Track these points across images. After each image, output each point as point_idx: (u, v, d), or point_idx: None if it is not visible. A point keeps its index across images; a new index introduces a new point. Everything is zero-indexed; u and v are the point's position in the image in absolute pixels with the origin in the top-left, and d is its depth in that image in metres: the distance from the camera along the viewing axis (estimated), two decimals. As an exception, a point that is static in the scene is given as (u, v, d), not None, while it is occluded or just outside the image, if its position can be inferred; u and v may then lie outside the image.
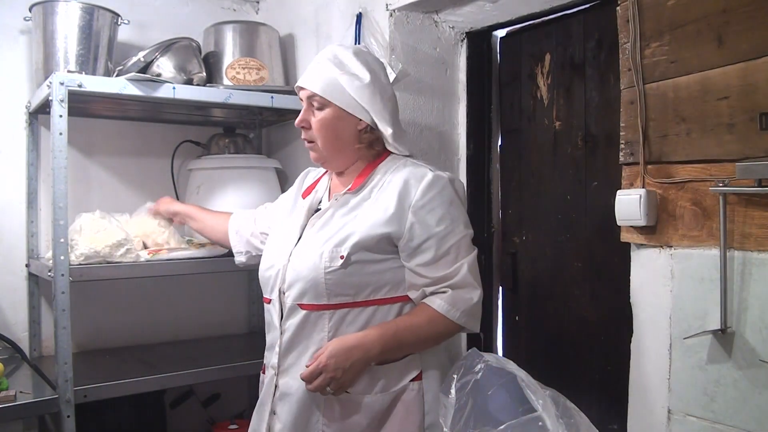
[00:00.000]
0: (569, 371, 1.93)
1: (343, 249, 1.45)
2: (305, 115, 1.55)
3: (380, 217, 1.47)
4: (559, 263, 1.98)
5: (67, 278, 1.81)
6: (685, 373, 1.37)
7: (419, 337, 1.48)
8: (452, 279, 1.48)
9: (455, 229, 1.50)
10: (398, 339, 1.45)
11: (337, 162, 1.60)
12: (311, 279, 1.46)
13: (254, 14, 2.77)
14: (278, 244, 1.61)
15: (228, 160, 2.41)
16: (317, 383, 1.40)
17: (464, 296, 1.48)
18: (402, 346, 1.47)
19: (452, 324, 1.48)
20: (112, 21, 2.19)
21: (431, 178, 1.49)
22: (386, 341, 1.43)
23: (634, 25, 1.45)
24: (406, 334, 1.46)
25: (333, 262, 1.45)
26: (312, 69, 1.55)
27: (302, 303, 1.48)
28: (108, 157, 2.46)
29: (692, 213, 1.37)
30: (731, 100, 1.29)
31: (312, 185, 1.69)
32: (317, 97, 1.52)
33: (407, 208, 1.47)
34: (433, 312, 1.47)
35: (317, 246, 1.49)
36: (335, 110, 1.52)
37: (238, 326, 2.73)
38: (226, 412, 2.52)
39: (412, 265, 1.49)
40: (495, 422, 1.29)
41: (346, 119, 1.53)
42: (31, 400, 1.76)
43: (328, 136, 1.54)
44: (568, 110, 1.96)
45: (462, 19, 2.11)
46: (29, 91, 2.27)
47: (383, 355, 1.44)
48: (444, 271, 1.47)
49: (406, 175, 1.51)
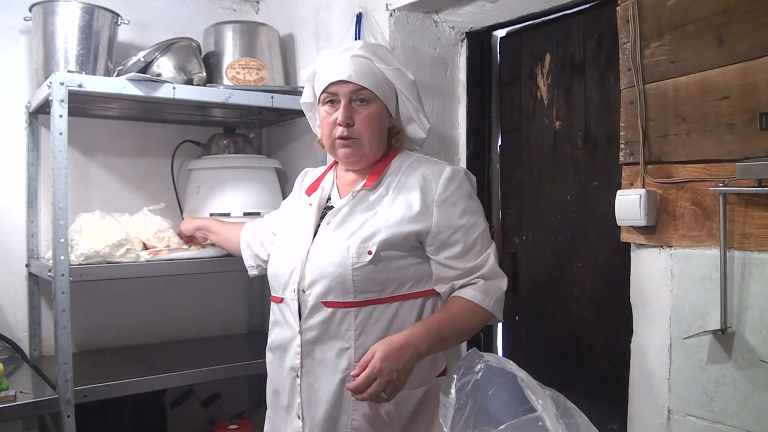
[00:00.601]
0: (569, 371, 1.93)
1: (371, 245, 1.44)
2: (350, 112, 1.50)
3: (406, 213, 1.47)
4: (559, 263, 1.98)
5: (67, 278, 1.81)
6: (685, 373, 1.37)
7: (459, 329, 1.47)
8: (482, 269, 1.49)
9: (477, 221, 1.51)
10: (442, 332, 1.44)
11: (372, 158, 1.56)
12: (338, 275, 1.44)
13: (254, 14, 2.77)
14: (291, 242, 1.58)
15: (228, 160, 2.41)
16: (372, 390, 1.34)
17: (495, 285, 1.50)
18: (445, 339, 1.46)
19: (486, 313, 1.48)
20: (112, 21, 2.19)
21: (450, 172, 1.50)
22: (433, 336, 1.42)
23: (634, 25, 1.45)
24: (448, 327, 1.45)
25: (361, 258, 1.43)
26: (348, 62, 1.50)
27: (327, 301, 1.45)
28: (108, 157, 2.46)
29: (692, 213, 1.37)
30: (731, 100, 1.29)
31: (316, 182, 1.67)
32: (366, 92, 1.49)
33: (431, 203, 1.48)
34: (467, 303, 1.47)
35: (341, 242, 1.46)
36: (381, 105, 1.53)
37: (238, 326, 2.73)
38: (226, 412, 2.52)
39: (440, 258, 1.49)
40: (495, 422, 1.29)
41: (386, 115, 1.55)
42: (31, 400, 1.76)
43: (376, 132, 1.52)
44: (568, 110, 1.96)
45: (462, 19, 2.11)
46: (29, 91, 2.27)
47: (431, 350, 1.43)
48: (473, 262, 1.49)
49: (424, 171, 1.52)
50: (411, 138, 1.65)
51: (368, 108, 1.50)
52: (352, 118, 1.50)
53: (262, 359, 1.66)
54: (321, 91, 1.54)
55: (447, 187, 1.49)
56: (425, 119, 1.63)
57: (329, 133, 1.54)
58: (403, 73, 1.57)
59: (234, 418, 2.44)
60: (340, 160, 1.59)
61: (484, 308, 1.47)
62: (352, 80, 1.48)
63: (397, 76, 1.55)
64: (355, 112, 1.50)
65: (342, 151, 1.54)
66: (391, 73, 1.54)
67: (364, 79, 1.49)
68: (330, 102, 1.53)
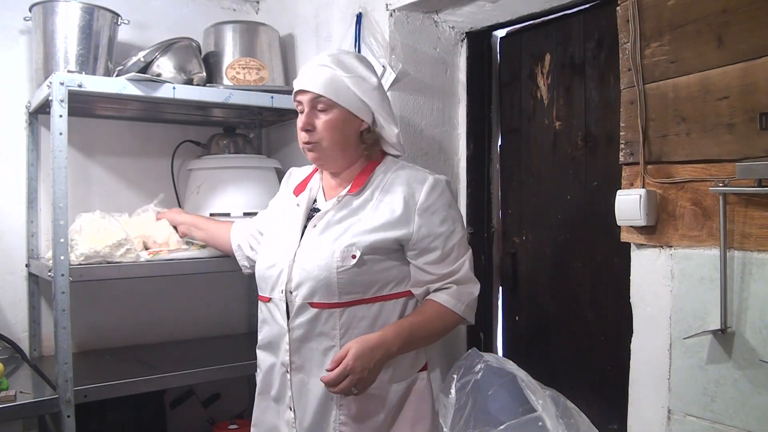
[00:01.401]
0: (569, 371, 1.93)
1: (355, 249, 1.51)
2: (309, 119, 1.56)
3: (389, 219, 1.54)
4: (559, 263, 1.98)
5: (67, 278, 1.81)
6: (685, 373, 1.37)
7: (430, 331, 1.56)
8: (456, 275, 1.57)
9: (456, 228, 1.59)
10: (413, 334, 1.52)
11: (338, 162, 1.62)
12: (323, 278, 1.50)
13: (254, 14, 2.77)
14: (279, 243, 1.63)
15: (228, 160, 2.41)
16: (343, 385, 1.42)
17: (467, 290, 1.58)
18: (416, 340, 1.54)
19: (457, 317, 1.57)
20: (112, 21, 2.19)
21: (433, 181, 1.57)
22: (404, 338, 1.50)
23: (634, 25, 1.45)
24: (419, 329, 1.53)
25: (345, 262, 1.50)
26: (312, 72, 1.57)
27: (312, 301, 1.51)
28: (108, 157, 2.46)
29: (692, 213, 1.37)
30: (731, 100, 1.29)
31: (303, 182, 1.71)
32: (323, 99, 1.54)
33: (413, 210, 1.55)
34: (440, 307, 1.56)
35: (326, 246, 1.53)
36: (342, 111, 1.56)
37: (238, 326, 2.73)
38: (226, 412, 2.52)
39: (419, 263, 1.57)
40: (495, 422, 1.30)
41: (352, 120, 1.58)
42: (31, 400, 1.76)
43: (336, 137, 1.57)
44: (568, 110, 1.96)
45: (462, 19, 2.11)
46: (29, 91, 2.27)
47: (401, 351, 1.51)
48: (449, 267, 1.57)
49: (407, 178, 1.59)
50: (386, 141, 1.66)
51: (328, 114, 1.56)
52: (312, 124, 1.56)
53: (263, 359, 1.67)
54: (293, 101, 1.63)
55: (429, 195, 1.56)
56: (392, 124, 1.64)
57: (299, 138, 1.62)
58: (364, 79, 1.58)
59: (234, 418, 2.44)
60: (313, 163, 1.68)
61: (456, 312, 1.56)
62: (308, 89, 1.55)
63: (355, 82, 1.56)
64: (316, 119, 1.56)
65: (309, 155, 1.62)
66: (351, 80, 1.56)
67: (321, 87, 1.54)
68: (299, 110, 1.60)
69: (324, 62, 1.58)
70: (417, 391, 1.59)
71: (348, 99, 1.56)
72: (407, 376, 1.58)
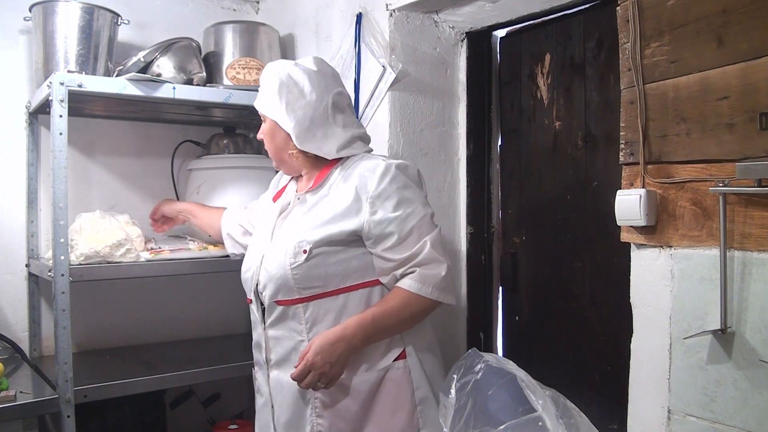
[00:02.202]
0: (569, 371, 1.93)
1: (305, 244, 1.54)
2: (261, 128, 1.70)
3: (338, 211, 1.55)
4: (559, 263, 1.98)
5: (67, 278, 1.81)
6: (685, 373, 1.37)
7: (397, 319, 1.54)
8: (417, 257, 1.54)
9: (414, 210, 1.56)
10: (377, 324, 1.52)
11: (285, 167, 1.72)
12: (280, 276, 1.55)
13: (254, 14, 2.77)
14: (253, 247, 1.72)
15: (228, 160, 2.41)
16: (307, 381, 1.48)
17: (432, 272, 1.53)
18: (382, 330, 1.54)
19: (427, 301, 1.54)
20: (112, 21, 2.18)
21: (383, 168, 1.56)
22: (366, 329, 1.51)
23: (634, 25, 1.45)
24: (383, 319, 1.52)
25: (297, 258, 1.53)
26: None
27: (278, 299, 1.58)
28: (108, 157, 2.46)
29: (692, 213, 1.37)
30: (731, 100, 1.29)
31: (282, 189, 1.79)
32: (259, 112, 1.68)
33: (365, 199, 1.54)
34: (404, 293, 1.53)
35: (282, 245, 1.58)
36: (270, 121, 1.65)
37: (238, 326, 2.72)
38: (226, 412, 2.52)
39: (378, 251, 1.56)
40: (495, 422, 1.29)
41: (279, 129, 1.64)
42: (31, 400, 1.76)
43: (269, 146, 1.69)
44: (568, 110, 1.96)
45: (462, 19, 2.11)
46: (29, 91, 2.27)
47: (366, 342, 1.52)
48: (408, 251, 1.53)
49: (359, 169, 1.59)
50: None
51: (264, 125, 1.68)
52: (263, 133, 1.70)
53: (263, 359, 1.68)
54: None
55: (380, 182, 1.54)
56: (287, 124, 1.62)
57: None
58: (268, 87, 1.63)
59: (234, 418, 2.44)
60: None
61: (423, 296, 1.52)
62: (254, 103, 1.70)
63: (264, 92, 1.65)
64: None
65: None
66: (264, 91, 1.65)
67: (257, 100, 1.68)
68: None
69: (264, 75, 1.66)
70: (392, 381, 1.57)
71: (269, 109, 1.63)
72: (377, 365, 1.57)
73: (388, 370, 1.58)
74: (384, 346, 1.58)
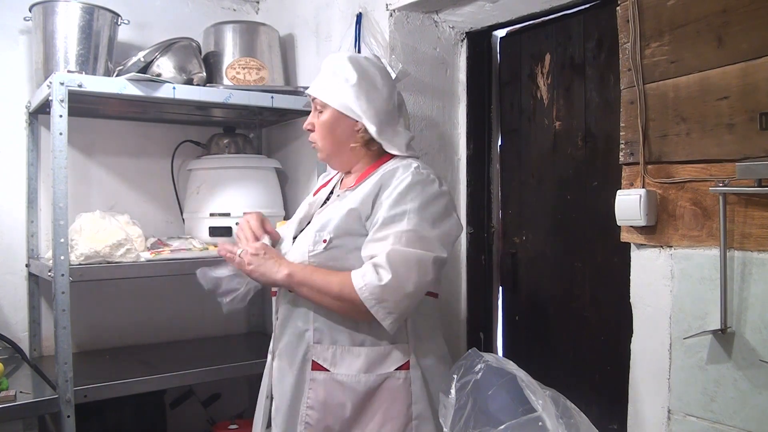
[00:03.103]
0: (569, 371, 1.93)
1: (325, 233, 1.52)
2: (311, 119, 1.64)
3: (358, 203, 1.53)
4: (559, 263, 1.98)
5: (67, 278, 1.81)
6: (685, 373, 1.37)
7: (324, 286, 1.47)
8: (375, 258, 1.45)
9: (404, 220, 1.46)
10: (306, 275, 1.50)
11: (338, 161, 1.66)
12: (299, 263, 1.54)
13: (254, 14, 2.77)
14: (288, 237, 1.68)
15: (228, 160, 2.41)
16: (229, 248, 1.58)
17: (374, 273, 1.42)
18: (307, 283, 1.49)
19: (356, 296, 1.43)
20: (112, 21, 2.19)
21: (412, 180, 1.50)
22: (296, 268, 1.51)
23: (634, 25, 1.45)
24: (314, 276, 1.49)
25: (317, 246, 1.52)
26: (319, 75, 1.64)
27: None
28: (108, 157, 2.46)
29: (692, 213, 1.37)
30: (731, 100, 1.29)
31: (324, 184, 1.77)
32: (318, 101, 1.61)
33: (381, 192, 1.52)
34: (347, 275, 1.45)
35: (309, 234, 1.57)
36: (333, 112, 1.59)
37: (238, 326, 2.73)
38: (226, 412, 2.52)
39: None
40: (495, 422, 1.29)
41: (343, 120, 1.59)
42: (31, 400, 1.76)
43: (327, 137, 1.62)
44: (568, 110, 1.96)
45: (462, 19, 2.11)
46: (29, 91, 2.27)
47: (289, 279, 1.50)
48: (372, 252, 1.46)
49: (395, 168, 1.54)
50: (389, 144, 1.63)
51: (322, 115, 1.61)
52: (313, 124, 1.63)
53: (262, 359, 1.67)
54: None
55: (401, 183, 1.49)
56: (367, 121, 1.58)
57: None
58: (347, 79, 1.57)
59: (234, 418, 2.43)
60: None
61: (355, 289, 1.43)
62: (309, 91, 1.64)
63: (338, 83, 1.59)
64: (316, 119, 1.63)
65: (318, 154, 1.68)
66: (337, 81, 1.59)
67: (316, 89, 1.62)
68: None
69: (324, 65, 1.63)
70: (389, 390, 1.50)
71: (337, 100, 1.58)
72: (376, 369, 1.50)
73: (387, 377, 1.51)
74: (387, 350, 1.52)
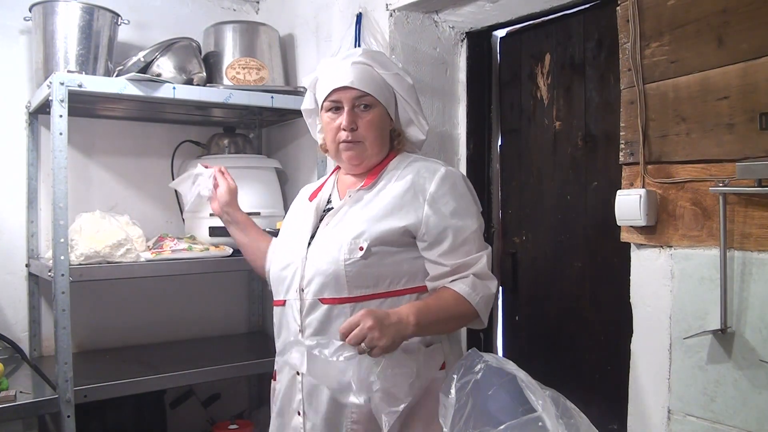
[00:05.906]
0: (569, 371, 1.93)
1: (362, 241, 1.47)
2: (353, 117, 1.54)
3: (395, 208, 1.50)
4: (559, 263, 1.98)
5: (67, 278, 1.81)
6: (685, 373, 1.37)
7: (446, 314, 1.47)
8: (473, 267, 1.49)
9: (469, 221, 1.52)
10: (429, 310, 1.44)
11: (373, 161, 1.60)
12: (332, 272, 1.47)
13: (254, 14, 2.77)
14: (291, 244, 1.61)
15: (228, 160, 2.40)
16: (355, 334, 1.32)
17: (485, 284, 1.49)
18: (432, 320, 1.44)
19: (471, 308, 1.47)
20: (112, 21, 2.19)
21: (444, 172, 1.53)
22: (419, 312, 1.41)
23: (634, 25, 1.45)
24: (436, 310, 1.45)
25: (353, 254, 1.46)
26: (351, 70, 1.54)
27: (323, 297, 1.49)
28: (108, 157, 2.46)
29: (692, 213, 1.37)
30: (731, 100, 1.29)
31: (316, 190, 1.70)
32: (368, 98, 1.54)
33: (423, 200, 1.50)
34: (454, 293, 1.46)
35: (335, 240, 1.50)
36: (382, 110, 1.58)
37: (238, 326, 2.73)
38: (226, 412, 2.52)
39: (432, 256, 1.50)
40: (495, 422, 1.29)
41: (387, 118, 1.59)
42: (31, 400, 1.76)
43: (378, 135, 1.57)
44: (568, 110, 1.96)
45: (462, 19, 2.11)
46: (29, 91, 2.27)
47: (418, 327, 1.41)
48: (462, 259, 1.48)
49: (419, 169, 1.55)
50: (410, 140, 1.68)
51: (370, 113, 1.55)
52: (356, 123, 1.55)
53: (262, 359, 1.67)
54: (324, 99, 1.58)
55: (440, 186, 1.51)
56: (424, 121, 1.66)
57: (333, 137, 1.58)
58: (402, 77, 1.60)
59: (234, 418, 2.43)
60: (344, 163, 1.63)
61: (470, 302, 1.46)
62: (354, 86, 1.53)
63: (396, 80, 1.59)
64: (358, 117, 1.55)
65: (346, 154, 1.58)
66: (391, 78, 1.59)
67: (365, 85, 1.53)
68: (334, 109, 1.57)
69: (359, 59, 1.57)
70: (432, 395, 1.45)
71: (386, 97, 1.58)
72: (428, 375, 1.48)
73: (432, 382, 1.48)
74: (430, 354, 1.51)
